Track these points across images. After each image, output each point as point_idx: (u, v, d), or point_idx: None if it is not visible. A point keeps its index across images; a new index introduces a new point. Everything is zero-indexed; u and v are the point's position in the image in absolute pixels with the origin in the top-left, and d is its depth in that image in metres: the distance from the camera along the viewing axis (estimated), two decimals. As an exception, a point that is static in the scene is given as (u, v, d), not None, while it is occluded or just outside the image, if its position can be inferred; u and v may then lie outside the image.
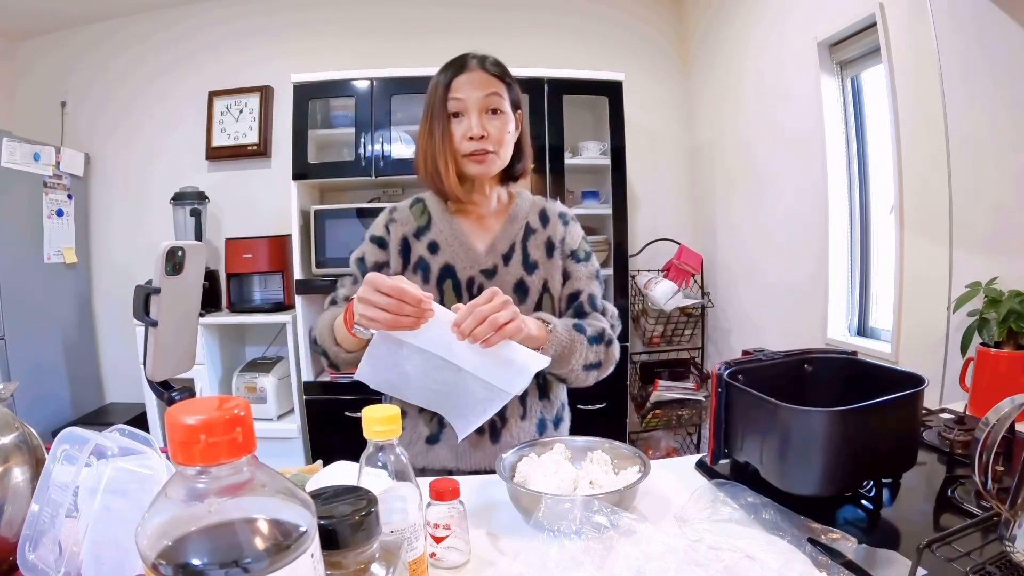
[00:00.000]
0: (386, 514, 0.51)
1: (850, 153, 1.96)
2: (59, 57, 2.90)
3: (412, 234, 1.08)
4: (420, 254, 1.06)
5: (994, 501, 0.59)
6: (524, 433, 1.06)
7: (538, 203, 1.15)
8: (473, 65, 1.02)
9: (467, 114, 1.01)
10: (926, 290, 1.55)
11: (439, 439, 1.04)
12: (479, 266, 1.05)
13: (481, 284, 1.05)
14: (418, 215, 1.10)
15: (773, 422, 0.75)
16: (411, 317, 0.82)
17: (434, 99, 1.03)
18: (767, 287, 2.38)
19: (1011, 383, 1.12)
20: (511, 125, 1.05)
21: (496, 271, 1.06)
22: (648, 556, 0.61)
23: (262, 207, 2.83)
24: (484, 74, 1.02)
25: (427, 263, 1.05)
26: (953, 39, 1.41)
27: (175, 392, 0.79)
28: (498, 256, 1.06)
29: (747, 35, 2.39)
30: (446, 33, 2.83)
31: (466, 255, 1.06)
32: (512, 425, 1.05)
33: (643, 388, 2.75)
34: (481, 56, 1.04)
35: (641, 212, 2.97)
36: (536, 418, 1.07)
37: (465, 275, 1.05)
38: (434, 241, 1.06)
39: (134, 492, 0.55)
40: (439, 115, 1.02)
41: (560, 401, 1.13)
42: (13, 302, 2.42)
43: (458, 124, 1.02)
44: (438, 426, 1.04)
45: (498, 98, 1.02)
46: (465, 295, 1.04)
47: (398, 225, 1.09)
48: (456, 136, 1.02)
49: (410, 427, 1.06)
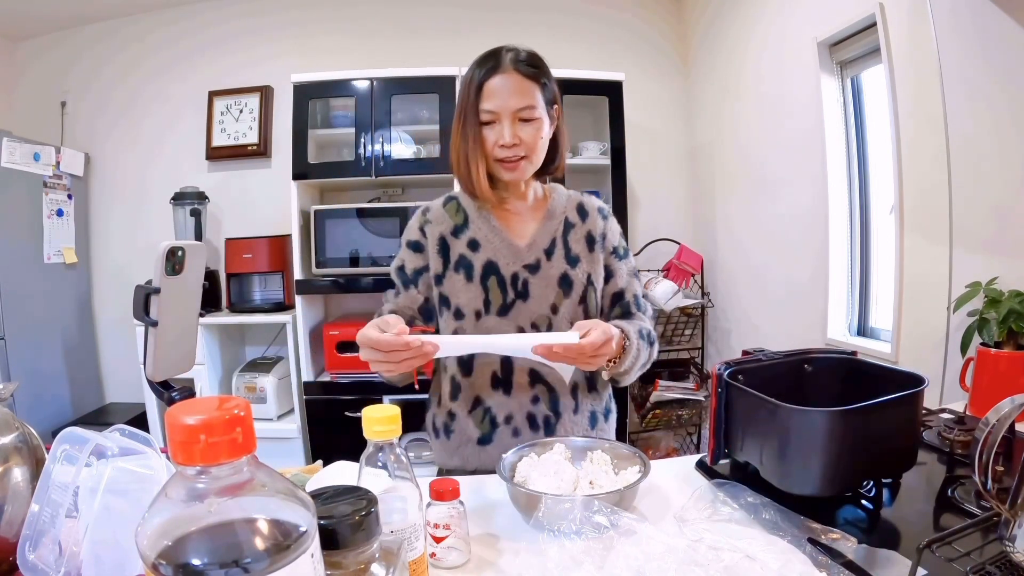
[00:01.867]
0: (386, 514, 0.51)
1: (850, 153, 1.96)
2: (58, 57, 2.89)
3: (450, 232, 1.06)
4: (460, 252, 1.05)
5: (994, 501, 0.59)
6: (577, 427, 1.06)
7: (575, 197, 1.14)
8: (507, 65, 0.98)
9: (500, 122, 0.99)
10: (926, 290, 1.55)
11: (491, 440, 1.04)
12: (522, 261, 1.04)
13: (526, 279, 1.04)
14: (453, 213, 1.08)
15: (773, 422, 0.75)
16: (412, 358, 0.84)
17: (466, 100, 1.00)
18: (767, 287, 2.38)
19: (1011, 383, 1.12)
20: (545, 129, 1.02)
21: (540, 266, 1.05)
22: (648, 556, 0.61)
23: (262, 207, 2.83)
24: (518, 77, 0.98)
25: (469, 261, 1.04)
26: (953, 39, 1.41)
27: (175, 392, 0.79)
28: (540, 251, 1.06)
29: (747, 35, 2.39)
30: (446, 33, 2.83)
31: (508, 251, 1.05)
32: (565, 420, 1.05)
33: (643, 388, 2.75)
34: (515, 52, 1.00)
35: (641, 212, 2.97)
36: (588, 411, 1.08)
37: (509, 271, 1.04)
38: (474, 238, 1.05)
39: (134, 492, 0.55)
40: (471, 120, 1.00)
41: (607, 393, 1.14)
42: (13, 302, 2.42)
43: (490, 131, 1.00)
44: (490, 426, 1.04)
45: (531, 109, 0.99)
46: (510, 291, 1.03)
47: (433, 225, 1.07)
48: (488, 142, 1.00)
49: (459, 429, 1.05)
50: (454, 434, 1.06)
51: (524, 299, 1.04)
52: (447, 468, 1.07)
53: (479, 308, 1.03)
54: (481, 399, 1.04)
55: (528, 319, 1.03)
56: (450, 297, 1.04)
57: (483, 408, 1.04)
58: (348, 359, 2.47)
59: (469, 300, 1.03)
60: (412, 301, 1.08)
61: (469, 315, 1.03)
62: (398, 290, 1.09)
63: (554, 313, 1.04)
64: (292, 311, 2.58)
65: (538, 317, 1.04)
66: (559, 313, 1.04)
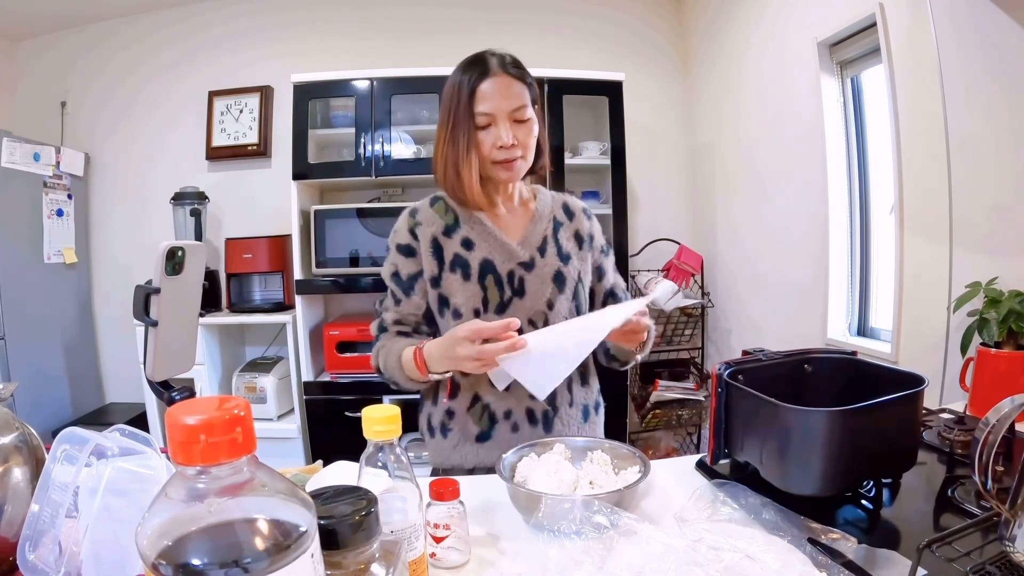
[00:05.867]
0: (386, 514, 0.51)
1: (850, 153, 1.96)
2: (59, 57, 2.89)
3: (441, 233, 1.06)
4: (455, 252, 1.04)
5: (994, 501, 0.59)
6: (572, 420, 1.07)
7: (559, 198, 1.16)
8: (496, 68, 0.99)
9: (496, 124, 0.99)
10: (926, 290, 1.55)
11: (490, 436, 1.04)
12: (516, 259, 1.05)
13: (522, 277, 1.05)
14: (442, 213, 1.07)
15: (773, 422, 0.75)
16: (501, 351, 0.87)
17: (456, 105, 0.99)
18: (767, 287, 2.38)
19: (1011, 383, 1.12)
20: (535, 128, 1.03)
21: (534, 263, 1.06)
22: (648, 556, 0.61)
23: (262, 207, 2.83)
24: (508, 78, 0.99)
25: (464, 260, 1.04)
26: (953, 39, 1.41)
27: (175, 392, 0.79)
28: (533, 249, 1.07)
29: (747, 35, 2.39)
30: (446, 33, 2.83)
31: (502, 249, 1.05)
32: (563, 413, 1.06)
33: (643, 388, 2.75)
34: (500, 56, 1.01)
35: (641, 212, 2.97)
36: (581, 405, 1.10)
37: (505, 269, 1.04)
38: (467, 238, 1.05)
39: (134, 492, 0.55)
40: (463, 123, 0.99)
41: (596, 388, 1.16)
42: (13, 302, 2.42)
43: (487, 134, 1.00)
44: (489, 423, 1.04)
45: (524, 108, 1.00)
46: (507, 288, 1.04)
47: (424, 227, 1.06)
48: (485, 145, 1.00)
49: (457, 427, 1.05)
50: (452, 432, 1.06)
51: (520, 296, 1.04)
52: (444, 468, 1.07)
53: (478, 307, 1.03)
54: (479, 396, 1.05)
55: (525, 316, 1.03)
56: (449, 297, 1.05)
57: (482, 404, 1.04)
58: (348, 359, 2.47)
59: (468, 299, 1.03)
60: (416, 308, 1.07)
61: (467, 314, 1.03)
62: (398, 297, 1.07)
63: (550, 309, 1.05)
64: (292, 311, 2.58)
65: (534, 314, 1.05)
66: (554, 309, 1.05)
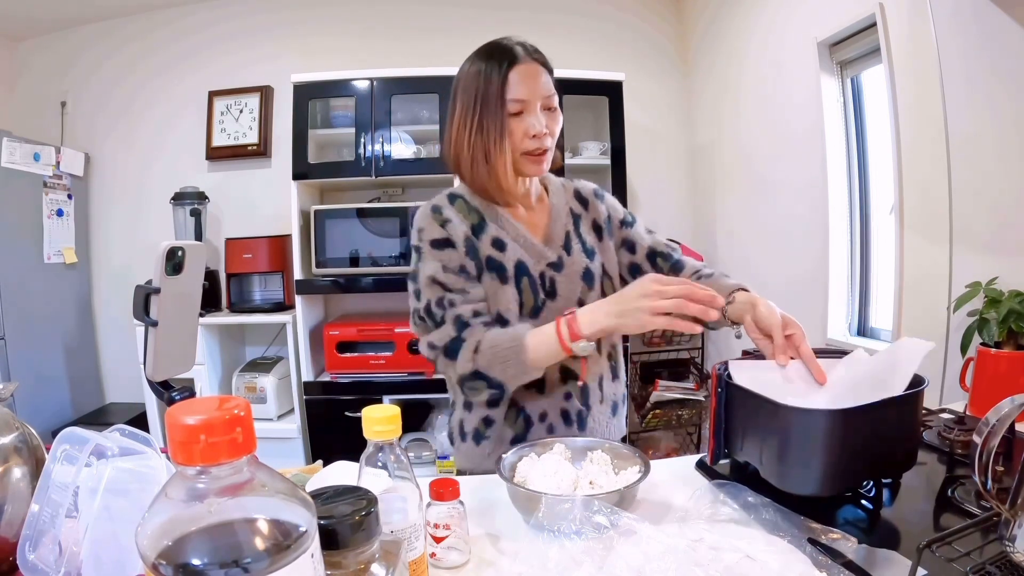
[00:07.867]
0: (386, 514, 0.51)
1: (850, 153, 1.96)
2: (58, 57, 2.89)
3: (471, 232, 0.98)
4: (488, 253, 0.98)
5: (994, 501, 0.59)
6: (603, 416, 1.05)
7: (568, 185, 1.12)
8: (523, 55, 0.94)
9: (528, 112, 0.94)
10: (926, 290, 1.55)
11: (526, 438, 1.00)
12: (545, 260, 1.01)
13: (552, 278, 1.00)
14: (465, 212, 1.00)
15: (773, 422, 0.75)
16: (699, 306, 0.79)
17: (486, 93, 0.93)
18: (767, 287, 2.35)
19: (1011, 383, 1.12)
20: (560, 117, 0.99)
21: (562, 263, 1.02)
22: (648, 556, 0.60)
23: (262, 207, 2.83)
24: (536, 65, 0.95)
25: (499, 262, 0.97)
26: (953, 39, 1.41)
27: (175, 392, 0.79)
28: (558, 248, 1.03)
29: (747, 35, 2.39)
30: (446, 33, 2.83)
31: (532, 249, 1.00)
32: (595, 411, 1.03)
33: (643, 388, 2.75)
34: (522, 43, 0.97)
35: (641, 212, 2.95)
36: (611, 401, 1.07)
37: (536, 271, 1.00)
38: (497, 238, 0.99)
39: (134, 492, 0.55)
40: (494, 111, 0.93)
41: (624, 381, 1.13)
42: (13, 302, 2.42)
43: (519, 122, 0.95)
44: (524, 426, 1.00)
45: (554, 96, 0.96)
46: (540, 291, 0.99)
47: (455, 223, 0.98)
48: (517, 134, 0.95)
49: (495, 435, 1.01)
50: (487, 441, 1.02)
51: (553, 298, 1.00)
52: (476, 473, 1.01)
53: (516, 311, 0.98)
54: (515, 400, 1.01)
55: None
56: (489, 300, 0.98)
57: (516, 408, 1.01)
58: (348, 359, 2.47)
59: (507, 304, 0.97)
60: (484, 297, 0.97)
61: (512, 320, 0.96)
62: (462, 288, 0.94)
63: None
64: (292, 311, 2.58)
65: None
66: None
